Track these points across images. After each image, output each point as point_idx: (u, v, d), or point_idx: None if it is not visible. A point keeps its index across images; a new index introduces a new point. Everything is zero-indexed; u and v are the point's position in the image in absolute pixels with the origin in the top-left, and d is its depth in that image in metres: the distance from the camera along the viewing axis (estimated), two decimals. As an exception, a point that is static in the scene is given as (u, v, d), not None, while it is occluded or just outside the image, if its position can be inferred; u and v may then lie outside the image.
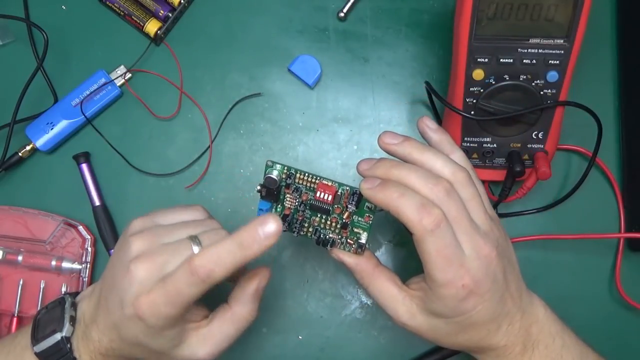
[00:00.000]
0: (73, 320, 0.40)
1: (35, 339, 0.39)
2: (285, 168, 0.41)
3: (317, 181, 0.40)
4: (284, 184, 0.41)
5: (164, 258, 0.37)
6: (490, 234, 0.37)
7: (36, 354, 0.39)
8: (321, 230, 0.42)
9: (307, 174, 0.40)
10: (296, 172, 0.40)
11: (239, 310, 0.40)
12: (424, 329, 0.39)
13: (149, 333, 0.37)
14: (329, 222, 0.41)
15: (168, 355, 0.39)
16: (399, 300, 0.39)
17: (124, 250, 0.38)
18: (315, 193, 0.40)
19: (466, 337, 0.39)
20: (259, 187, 0.41)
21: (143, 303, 0.36)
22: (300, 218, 0.42)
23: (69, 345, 0.39)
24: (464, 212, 0.36)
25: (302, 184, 0.41)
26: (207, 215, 0.42)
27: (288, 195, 0.41)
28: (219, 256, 0.35)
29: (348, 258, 0.41)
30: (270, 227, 0.34)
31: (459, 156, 0.40)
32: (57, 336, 0.39)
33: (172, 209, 0.42)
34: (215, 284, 0.36)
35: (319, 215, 0.41)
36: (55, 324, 0.39)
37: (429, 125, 0.41)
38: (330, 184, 0.40)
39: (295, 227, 0.42)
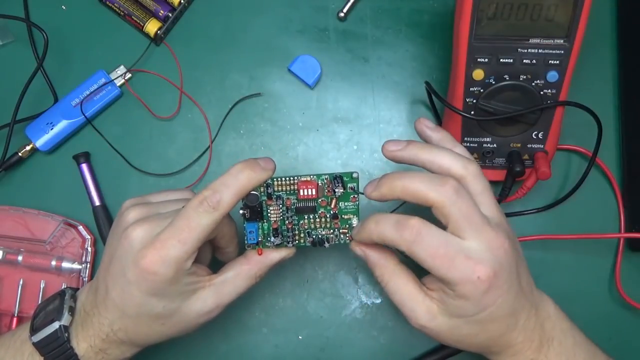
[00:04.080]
0: (72, 310, 0.40)
1: (34, 330, 0.39)
2: None
3: (296, 181, 0.40)
4: (264, 198, 0.40)
5: (161, 222, 0.38)
6: (501, 225, 0.37)
7: (34, 344, 0.39)
8: (312, 232, 0.41)
9: (283, 178, 0.40)
10: (273, 181, 0.40)
11: (257, 269, 0.41)
12: (444, 331, 0.38)
13: (156, 290, 0.37)
14: (317, 220, 0.41)
15: (178, 313, 0.38)
16: (419, 300, 0.38)
17: (119, 225, 0.39)
18: (298, 192, 0.40)
19: (487, 336, 0.38)
20: (241, 211, 0.40)
21: (148, 254, 0.36)
22: (289, 226, 0.41)
23: (66, 335, 0.39)
24: (474, 207, 0.36)
25: (282, 190, 0.40)
26: None
27: (271, 207, 0.41)
28: (224, 183, 0.37)
29: (372, 253, 0.40)
30: (268, 161, 0.38)
31: (461, 151, 0.40)
32: (55, 324, 0.38)
33: (162, 191, 0.44)
34: (225, 214, 0.37)
35: (306, 217, 0.41)
36: (54, 314, 0.39)
37: (427, 124, 0.41)
38: (309, 178, 0.40)
39: (288, 238, 0.41)
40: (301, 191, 0.40)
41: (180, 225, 0.36)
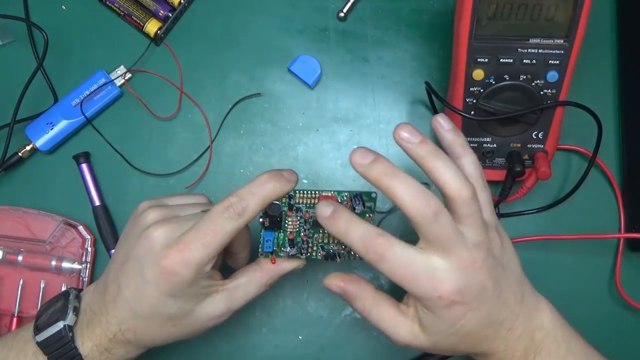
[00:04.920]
0: (77, 310, 0.40)
1: (37, 329, 0.39)
2: None
3: (317, 195, 0.41)
4: (285, 208, 0.41)
5: (182, 224, 0.38)
6: (481, 244, 0.36)
7: (37, 343, 0.39)
8: (326, 246, 0.42)
9: (305, 192, 0.41)
10: (295, 193, 0.41)
11: (268, 278, 0.41)
12: (427, 346, 0.39)
13: (174, 291, 0.37)
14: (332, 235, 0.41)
15: (190, 316, 0.39)
16: (401, 324, 0.39)
17: (136, 226, 0.39)
18: None
19: (467, 346, 0.39)
20: (261, 220, 0.41)
21: (171, 254, 0.36)
22: (304, 238, 0.41)
23: (70, 334, 0.38)
24: (451, 230, 0.35)
25: (302, 202, 0.41)
26: (209, 202, 0.44)
27: (290, 218, 0.41)
28: (250, 192, 0.37)
29: (350, 287, 0.40)
30: (292, 173, 0.39)
31: (470, 160, 0.39)
32: (60, 324, 0.38)
33: (177, 194, 0.44)
34: (249, 221, 0.38)
35: (321, 231, 0.41)
36: (58, 314, 0.39)
37: (443, 124, 0.40)
38: (330, 194, 0.40)
39: (302, 250, 0.42)
40: None
41: (205, 229, 0.37)
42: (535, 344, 0.39)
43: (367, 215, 0.41)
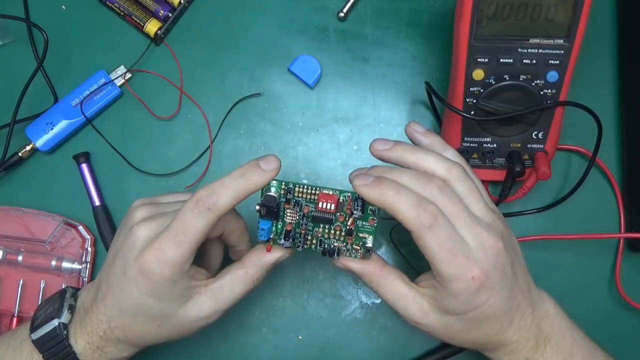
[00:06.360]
0: (72, 308, 0.40)
1: (33, 328, 0.39)
2: (283, 183, 0.39)
3: (317, 192, 0.39)
4: (283, 199, 0.40)
5: (165, 221, 0.38)
6: (493, 225, 0.37)
7: (32, 341, 0.39)
8: (325, 241, 0.41)
9: (306, 186, 0.40)
10: (295, 186, 0.39)
11: (253, 273, 0.40)
12: (437, 327, 0.38)
13: (154, 290, 0.37)
14: (332, 232, 0.40)
15: (174, 317, 0.38)
16: (410, 299, 0.39)
17: (126, 223, 0.40)
18: (317, 204, 0.39)
19: (480, 333, 0.38)
20: (257, 207, 0.40)
21: (147, 254, 0.36)
22: (303, 231, 0.41)
23: (65, 332, 0.39)
24: (461, 206, 0.36)
25: (301, 197, 0.40)
26: None
27: (288, 210, 0.40)
28: (223, 185, 0.37)
29: (354, 264, 0.41)
30: (270, 161, 0.38)
31: (451, 154, 0.40)
32: (55, 322, 0.39)
33: (173, 192, 0.44)
34: (221, 215, 0.37)
35: (321, 226, 0.40)
36: (54, 312, 0.39)
37: (417, 129, 0.42)
38: (331, 192, 0.39)
39: (299, 242, 0.41)
40: (320, 203, 0.39)
41: (176, 227, 0.36)
42: (544, 334, 0.39)
43: (370, 217, 0.40)
